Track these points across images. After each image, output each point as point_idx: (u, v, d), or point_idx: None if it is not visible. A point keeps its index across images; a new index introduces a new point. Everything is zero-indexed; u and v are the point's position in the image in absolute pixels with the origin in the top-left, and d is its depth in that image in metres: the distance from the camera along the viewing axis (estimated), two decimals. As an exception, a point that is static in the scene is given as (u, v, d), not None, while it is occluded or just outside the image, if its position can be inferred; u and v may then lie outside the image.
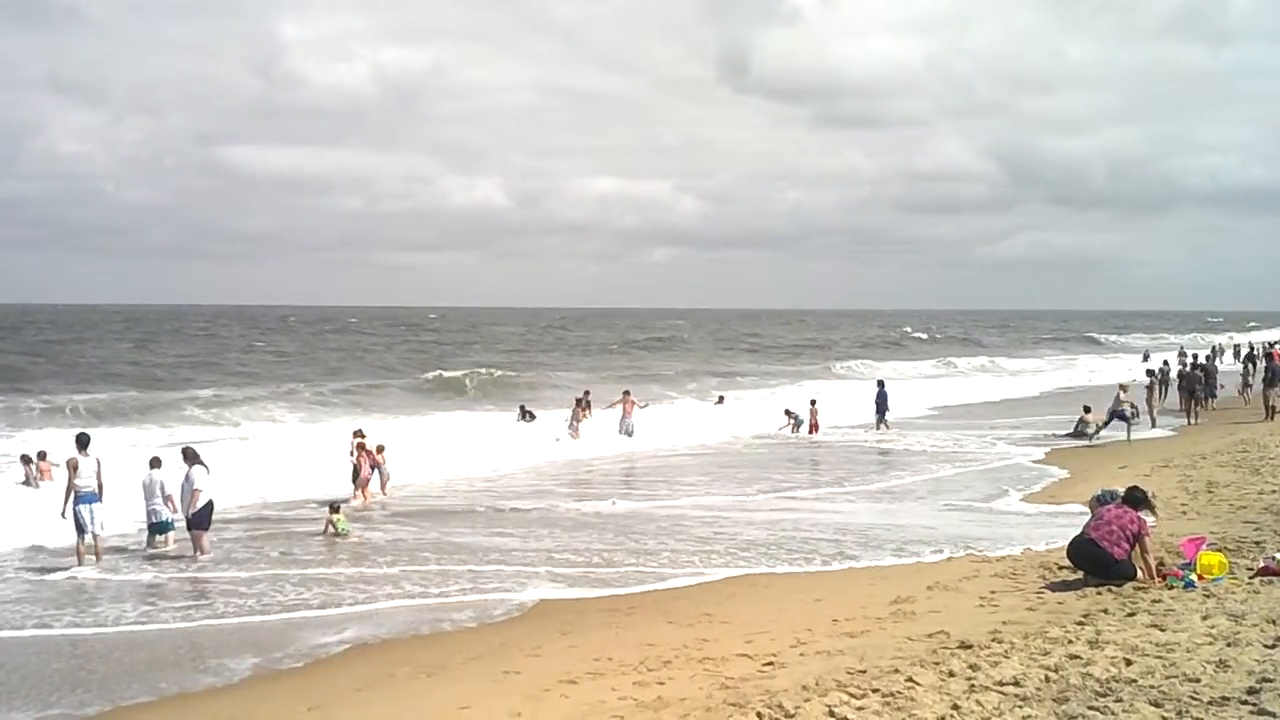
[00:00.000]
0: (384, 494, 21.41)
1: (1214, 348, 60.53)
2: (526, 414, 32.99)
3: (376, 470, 21.52)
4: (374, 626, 12.07)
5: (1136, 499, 11.72)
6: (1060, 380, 55.54)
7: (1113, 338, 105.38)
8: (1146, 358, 60.35)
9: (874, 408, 33.35)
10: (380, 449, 21.78)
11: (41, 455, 20.84)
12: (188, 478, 16.18)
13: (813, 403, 33.13)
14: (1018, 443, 28.66)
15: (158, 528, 16.38)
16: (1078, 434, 29.53)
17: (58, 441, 22.12)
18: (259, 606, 13.06)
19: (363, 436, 21.99)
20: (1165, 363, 40.39)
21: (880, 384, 35.26)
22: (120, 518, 16.66)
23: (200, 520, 15.99)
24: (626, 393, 33.15)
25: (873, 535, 16.42)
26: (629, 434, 30.53)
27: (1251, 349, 51.52)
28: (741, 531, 16.96)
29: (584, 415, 30.85)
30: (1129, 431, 29.05)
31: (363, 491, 20.94)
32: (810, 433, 31.92)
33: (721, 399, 34.16)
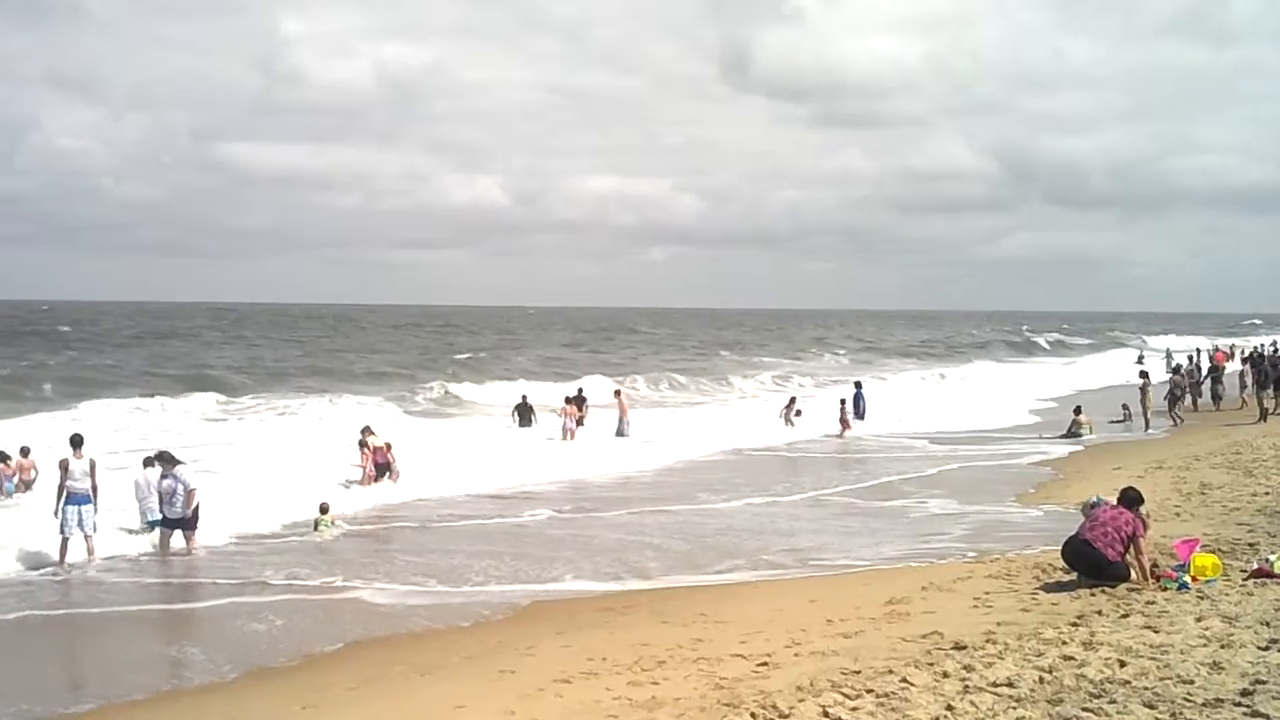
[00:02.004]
0: (393, 481, 21.36)
1: (1196, 351, 60.38)
2: (526, 414, 32.62)
3: (388, 469, 21.53)
4: (368, 625, 12.05)
5: (1131, 499, 11.75)
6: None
7: (1156, 340, 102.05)
8: (1141, 359, 60.44)
9: (851, 410, 33.36)
10: (388, 446, 21.76)
11: (24, 451, 19.93)
12: (177, 479, 16.11)
13: (842, 402, 33.04)
14: (1014, 443, 28.72)
15: (150, 526, 16.36)
16: (1071, 435, 29.64)
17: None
18: (251, 605, 13.01)
19: (371, 434, 21.96)
20: (1179, 364, 40.66)
21: (857, 385, 35.23)
22: (118, 518, 16.64)
23: (193, 520, 15.98)
24: (618, 392, 33.06)
25: (720, 544, 16.11)
26: (625, 435, 30.37)
27: (1255, 352, 51.52)
28: (599, 535, 16.98)
29: (574, 413, 30.54)
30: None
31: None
32: (842, 430, 31.94)
33: (800, 412, 34.37)
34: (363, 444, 21.68)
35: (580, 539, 16.86)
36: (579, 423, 30.56)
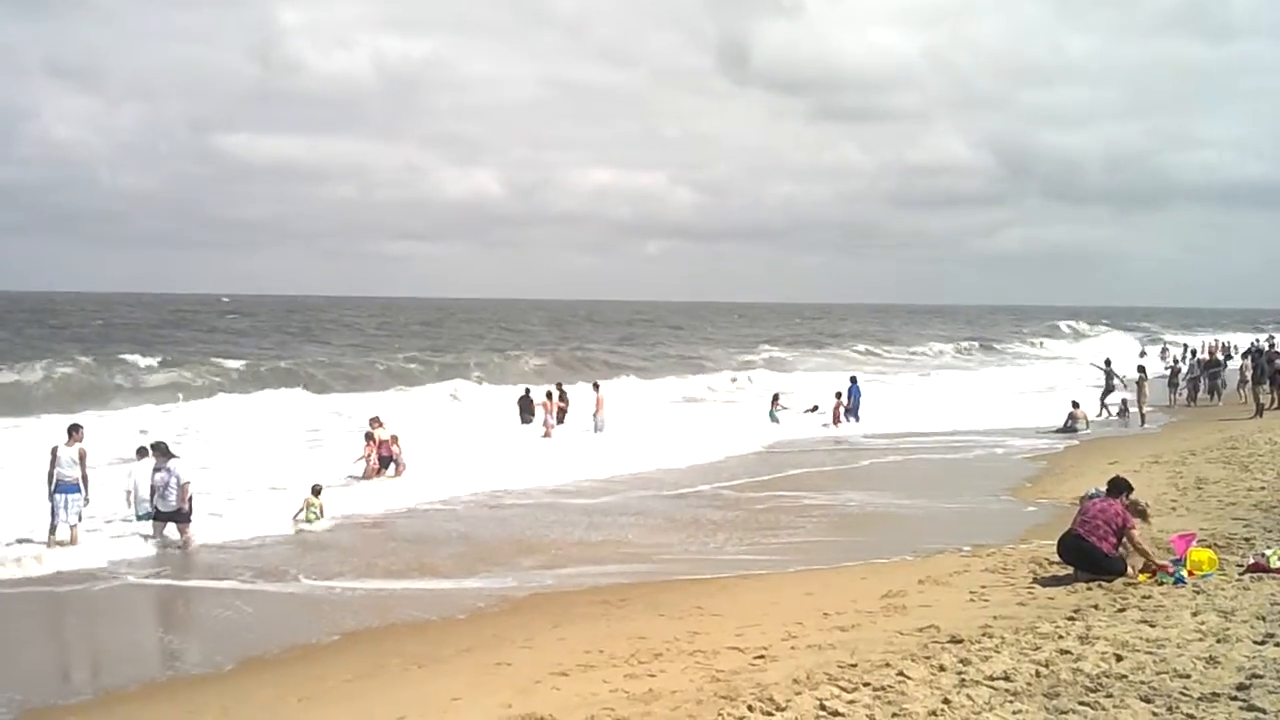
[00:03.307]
0: (398, 474, 21.42)
1: (1184, 347, 60.40)
2: (527, 409, 32.49)
3: (393, 461, 21.56)
4: (365, 617, 12.04)
5: (1118, 486, 11.79)
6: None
7: (1178, 337, 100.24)
8: (1143, 354, 60.54)
9: (846, 404, 33.29)
10: (394, 439, 21.79)
11: None
12: (170, 472, 16.05)
13: (838, 395, 32.96)
14: (1012, 437, 28.72)
15: (144, 518, 16.32)
16: (1068, 429, 29.66)
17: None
18: (245, 597, 13.00)
19: (379, 425, 21.95)
20: (1192, 353, 40.63)
21: (853, 379, 35.18)
22: (110, 508, 16.62)
23: (187, 513, 15.92)
24: (596, 385, 33.02)
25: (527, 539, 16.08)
26: (600, 430, 30.19)
27: (1252, 346, 51.58)
28: (464, 530, 17.02)
29: (551, 408, 30.42)
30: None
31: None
32: (834, 424, 31.92)
33: (816, 407, 34.51)
34: (369, 435, 21.72)
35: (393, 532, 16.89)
36: (559, 418, 30.50)
